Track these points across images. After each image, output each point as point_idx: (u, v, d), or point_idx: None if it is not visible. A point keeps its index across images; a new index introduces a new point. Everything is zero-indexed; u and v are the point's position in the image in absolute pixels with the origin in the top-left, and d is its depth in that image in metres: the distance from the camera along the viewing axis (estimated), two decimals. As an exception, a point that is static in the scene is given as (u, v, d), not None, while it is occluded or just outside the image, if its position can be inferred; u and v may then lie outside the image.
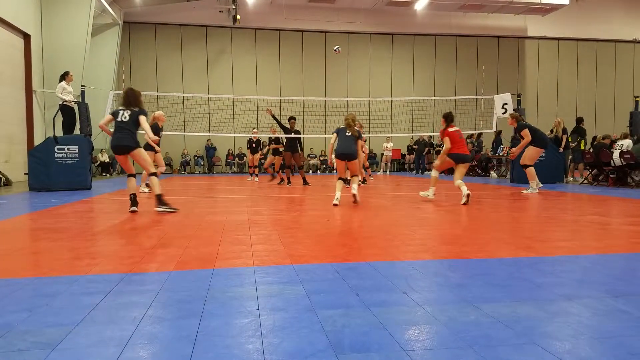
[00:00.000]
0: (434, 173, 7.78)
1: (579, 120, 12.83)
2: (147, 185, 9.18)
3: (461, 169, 7.35)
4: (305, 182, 11.44)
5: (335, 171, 10.60)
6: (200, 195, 8.93)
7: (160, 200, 5.96)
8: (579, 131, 12.51)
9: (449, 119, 7.55)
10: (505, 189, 10.12)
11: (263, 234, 4.27)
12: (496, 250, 3.55)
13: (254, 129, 14.04)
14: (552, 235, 4.26)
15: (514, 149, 9.23)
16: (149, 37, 20.86)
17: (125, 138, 5.91)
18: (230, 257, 3.29)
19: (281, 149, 12.31)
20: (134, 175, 6.32)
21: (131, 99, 6.05)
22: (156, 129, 8.98)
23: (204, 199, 8.07)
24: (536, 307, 2.18)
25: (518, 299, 2.31)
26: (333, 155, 7.22)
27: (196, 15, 20.53)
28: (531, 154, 8.80)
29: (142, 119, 5.97)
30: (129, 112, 5.97)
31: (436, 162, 8.01)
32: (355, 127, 7.12)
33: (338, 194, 6.80)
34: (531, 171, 8.73)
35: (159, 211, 5.89)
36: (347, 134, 7.03)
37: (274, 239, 4.01)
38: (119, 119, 5.95)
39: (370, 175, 14.26)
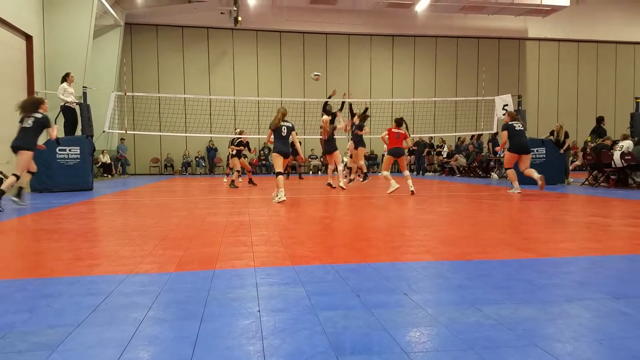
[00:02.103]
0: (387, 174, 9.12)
1: (600, 120, 12.64)
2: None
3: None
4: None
5: (334, 172, 10.62)
6: (201, 196, 8.94)
7: None
8: (599, 131, 12.37)
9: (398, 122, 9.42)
10: (506, 190, 10.11)
11: (264, 235, 4.27)
12: (497, 252, 3.54)
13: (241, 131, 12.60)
14: (553, 236, 4.26)
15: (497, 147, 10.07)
16: (151, 39, 20.89)
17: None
18: (231, 258, 3.29)
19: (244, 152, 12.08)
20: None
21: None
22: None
23: (204, 200, 8.07)
24: (537, 309, 2.18)
25: (519, 300, 2.31)
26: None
27: (198, 17, 20.57)
28: (506, 158, 9.32)
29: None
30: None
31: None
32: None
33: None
34: (509, 174, 9.30)
35: None
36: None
37: (274, 240, 4.01)
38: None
39: (354, 179, 12.02)
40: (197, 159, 21.24)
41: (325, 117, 10.48)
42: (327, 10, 21.25)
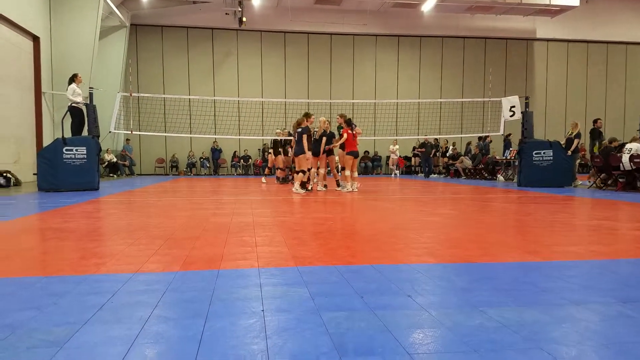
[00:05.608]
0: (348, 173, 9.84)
1: (594, 122, 12.62)
2: (325, 186, 10.43)
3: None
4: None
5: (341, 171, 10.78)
6: (205, 197, 8.97)
7: None
8: (594, 133, 12.28)
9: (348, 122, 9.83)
10: (512, 192, 10.07)
11: (268, 235, 4.28)
12: (502, 254, 3.53)
13: (278, 129, 14.07)
14: (559, 239, 4.24)
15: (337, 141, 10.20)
16: (156, 40, 20.99)
17: None
18: (236, 258, 3.30)
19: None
20: None
21: None
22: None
23: (209, 200, 8.09)
24: (542, 312, 2.17)
25: (524, 303, 2.30)
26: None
27: (202, 17, 20.66)
28: (347, 161, 9.96)
29: None
30: None
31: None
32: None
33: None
34: (344, 174, 10.23)
35: None
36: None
37: (278, 240, 4.02)
38: None
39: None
40: (202, 159, 21.31)
41: (323, 118, 10.38)
42: (331, 11, 21.26)
